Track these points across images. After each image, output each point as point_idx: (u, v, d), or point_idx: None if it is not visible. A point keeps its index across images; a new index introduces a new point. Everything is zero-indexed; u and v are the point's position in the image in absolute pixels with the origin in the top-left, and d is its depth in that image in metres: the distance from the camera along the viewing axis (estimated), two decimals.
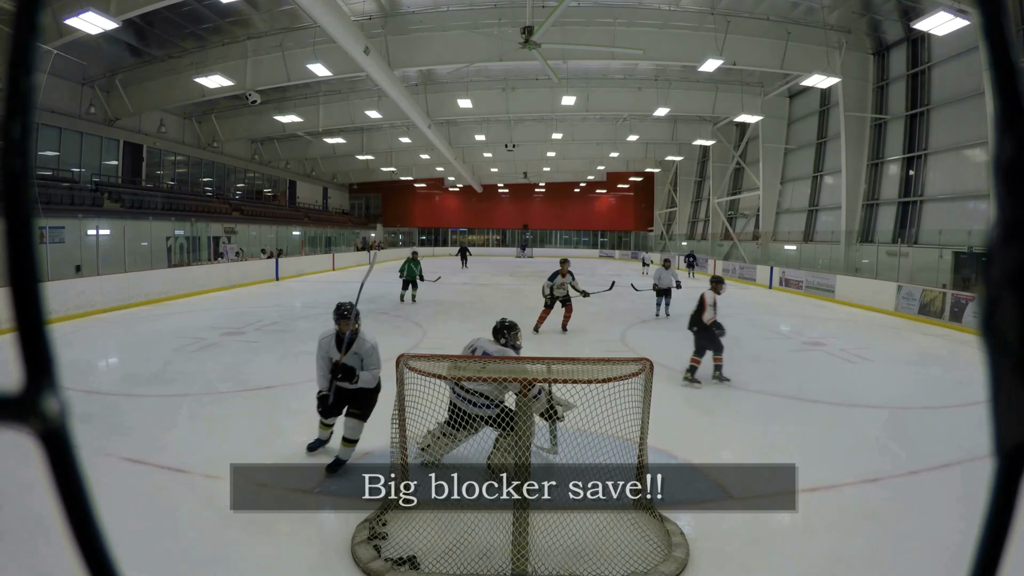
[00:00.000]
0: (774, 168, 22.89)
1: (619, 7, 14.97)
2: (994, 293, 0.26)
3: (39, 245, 0.28)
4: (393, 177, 37.60)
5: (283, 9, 14.73)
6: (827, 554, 3.10)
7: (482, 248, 44.98)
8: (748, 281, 21.29)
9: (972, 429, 4.98)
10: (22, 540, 2.98)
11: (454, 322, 10.94)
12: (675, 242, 33.91)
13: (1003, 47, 0.27)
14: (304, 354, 7.79)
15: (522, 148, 29.95)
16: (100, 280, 11.73)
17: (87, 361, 7.46)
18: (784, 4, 15.01)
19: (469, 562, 2.87)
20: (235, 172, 27.63)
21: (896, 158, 17.06)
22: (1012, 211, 0.26)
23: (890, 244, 16.08)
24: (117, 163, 19.38)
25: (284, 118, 21.29)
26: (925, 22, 11.33)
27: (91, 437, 4.43)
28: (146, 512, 3.36)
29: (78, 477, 0.27)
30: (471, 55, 14.95)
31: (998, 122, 0.26)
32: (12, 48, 0.27)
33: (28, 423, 0.26)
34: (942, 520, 3.40)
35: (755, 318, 12.37)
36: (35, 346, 0.27)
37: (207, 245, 20.02)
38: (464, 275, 23.10)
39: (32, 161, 0.28)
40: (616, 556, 2.92)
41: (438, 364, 3.18)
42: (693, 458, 4.28)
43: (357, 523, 3.20)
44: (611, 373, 3.34)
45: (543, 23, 11.09)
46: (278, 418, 5.15)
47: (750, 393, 6.19)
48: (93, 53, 15.35)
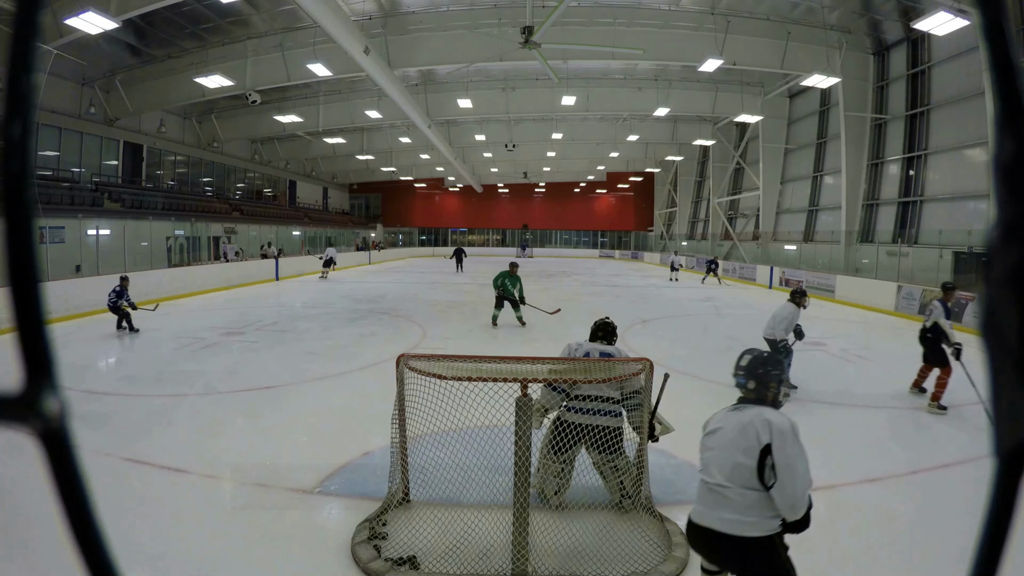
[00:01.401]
0: (774, 168, 22.90)
1: (619, 7, 14.97)
2: (994, 293, 0.26)
3: (39, 245, 0.28)
4: (393, 177, 37.62)
5: (283, 9, 14.73)
6: (827, 554, 3.10)
7: (482, 248, 44.99)
8: (748, 281, 21.30)
9: (972, 429, 4.98)
10: (22, 539, 2.98)
11: (454, 322, 10.94)
12: (675, 242, 33.93)
13: (1003, 47, 0.27)
14: (304, 354, 7.81)
15: (522, 148, 29.95)
16: (100, 280, 11.73)
17: (87, 361, 7.46)
18: (784, 4, 15.01)
19: (469, 562, 2.87)
20: (235, 172, 27.63)
21: (896, 158, 17.06)
22: (1012, 211, 0.26)
23: (890, 244, 16.08)
24: (117, 163, 19.38)
25: (284, 118, 21.30)
26: (925, 22, 11.33)
27: (91, 437, 4.44)
28: (146, 512, 3.36)
29: (78, 477, 0.27)
30: (471, 55, 14.95)
31: (998, 122, 0.26)
32: (12, 48, 0.27)
33: (28, 423, 0.26)
34: (942, 520, 3.40)
35: (755, 318, 12.35)
36: (35, 346, 0.27)
37: (207, 245, 20.02)
38: (464, 275, 23.11)
39: (32, 161, 0.28)
40: (616, 556, 2.92)
41: (438, 364, 3.18)
42: (693, 458, 4.27)
43: (357, 523, 3.20)
44: (611, 373, 3.34)
45: (543, 23, 11.08)
46: (278, 418, 5.15)
47: None
48: (93, 53, 15.35)
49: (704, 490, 2.13)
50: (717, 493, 2.08)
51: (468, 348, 8.08)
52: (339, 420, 5.10)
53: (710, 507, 2.10)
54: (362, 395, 5.89)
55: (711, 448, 2.17)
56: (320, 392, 6.02)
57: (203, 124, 23.44)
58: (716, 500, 2.08)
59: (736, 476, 2.04)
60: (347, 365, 7.24)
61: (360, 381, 6.54)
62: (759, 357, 2.25)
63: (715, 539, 2.07)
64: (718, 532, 2.05)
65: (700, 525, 2.12)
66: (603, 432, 3.38)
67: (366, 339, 9.10)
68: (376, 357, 7.58)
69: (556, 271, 26.37)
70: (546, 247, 44.86)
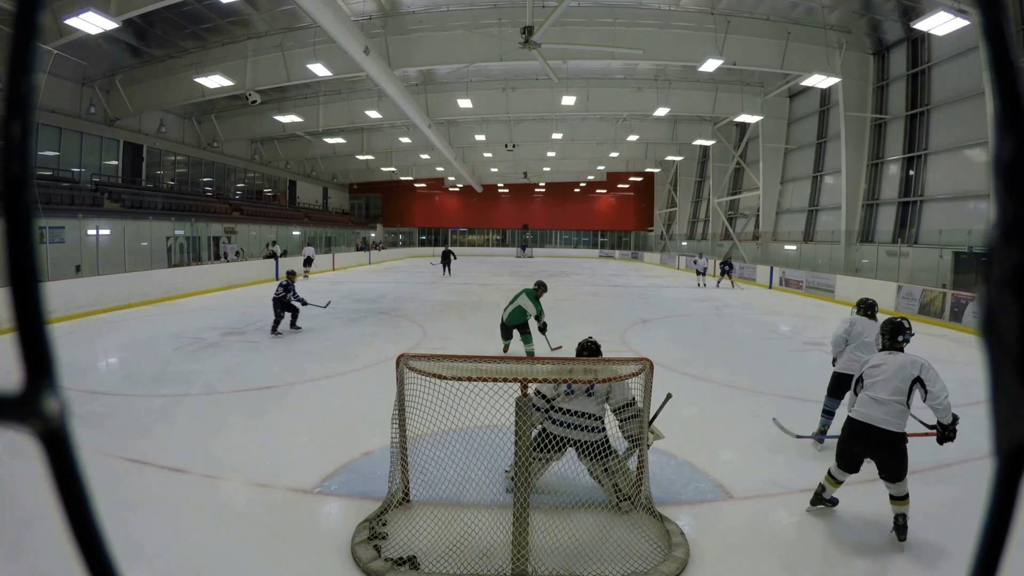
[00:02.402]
0: (774, 168, 22.90)
1: (619, 7, 14.97)
2: (994, 293, 0.26)
3: (39, 245, 0.28)
4: (393, 177, 37.63)
5: (283, 9, 14.73)
6: (826, 554, 3.10)
7: (482, 248, 45.01)
8: (748, 281, 21.31)
9: (972, 429, 4.97)
10: (22, 539, 2.98)
11: (454, 322, 10.94)
12: (675, 242, 33.94)
13: (1003, 47, 0.27)
14: (304, 354, 7.81)
15: (522, 148, 29.95)
16: (100, 280, 11.74)
17: (87, 361, 7.46)
18: (784, 4, 15.01)
19: (469, 562, 2.87)
20: (235, 172, 27.62)
21: (896, 158, 17.06)
22: (1012, 211, 0.26)
23: (890, 244, 16.08)
24: (117, 163, 19.37)
25: (284, 118, 21.29)
26: (925, 22, 11.33)
27: (91, 437, 4.44)
28: (146, 512, 3.36)
29: (78, 477, 0.27)
30: (471, 55, 14.95)
31: (998, 122, 0.26)
32: (12, 48, 0.27)
33: (28, 423, 0.26)
34: (942, 520, 3.40)
35: (755, 318, 12.37)
36: (35, 346, 0.27)
37: (207, 245, 20.01)
38: (464, 275, 23.05)
39: (32, 161, 0.28)
40: (616, 556, 2.92)
41: (438, 364, 3.17)
42: (693, 458, 4.28)
43: (357, 523, 3.20)
44: (611, 373, 3.34)
45: (543, 23, 11.08)
46: (278, 418, 5.15)
47: (750, 393, 6.19)
48: (93, 53, 15.35)
49: (868, 400, 3.29)
50: (879, 403, 3.23)
51: (468, 348, 8.09)
52: (339, 420, 5.10)
53: (873, 410, 3.23)
54: (362, 395, 5.89)
55: (876, 377, 3.32)
56: (320, 392, 6.02)
57: (203, 124, 23.44)
58: (878, 407, 3.22)
59: (895, 394, 3.20)
60: (347, 365, 7.24)
61: (360, 381, 6.54)
62: (898, 325, 3.51)
63: (871, 431, 3.21)
64: (877, 427, 3.19)
65: (862, 421, 3.26)
66: (586, 444, 3.45)
67: (366, 339, 9.10)
68: (376, 357, 7.58)
69: (556, 271, 26.36)
70: (546, 247, 44.85)
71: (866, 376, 3.39)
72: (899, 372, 3.25)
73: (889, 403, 3.19)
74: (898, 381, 3.22)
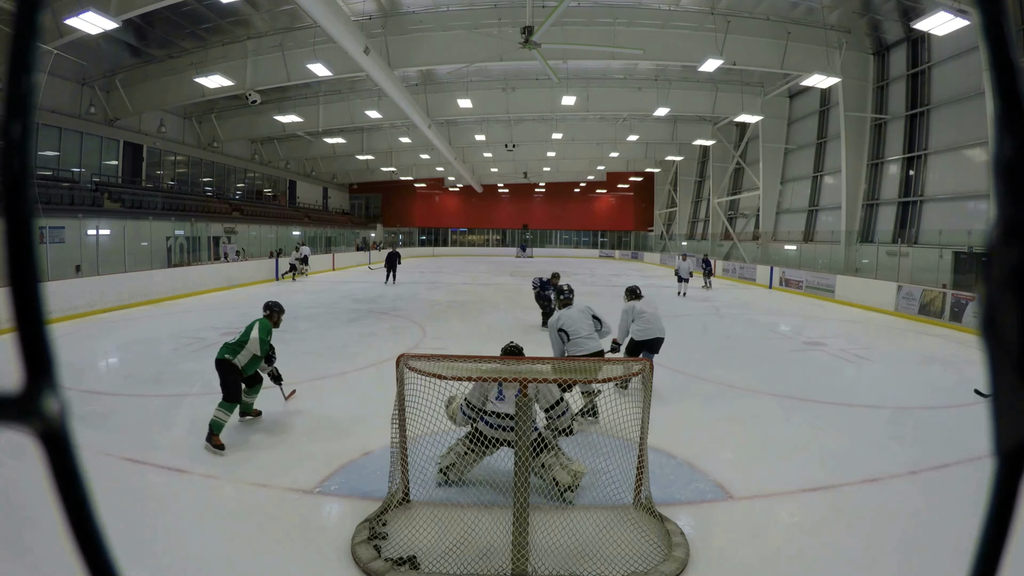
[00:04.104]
0: (774, 168, 22.90)
1: (619, 7, 14.96)
2: (994, 293, 0.26)
3: (39, 245, 0.28)
4: (393, 177, 37.61)
5: (283, 9, 14.73)
6: (826, 554, 3.10)
7: (482, 248, 45.00)
8: (748, 281, 21.31)
9: (972, 429, 4.98)
10: (22, 539, 2.98)
11: (454, 322, 10.94)
12: (675, 242, 33.92)
13: (1003, 47, 0.27)
14: (304, 354, 7.80)
15: (522, 148, 29.94)
16: (100, 280, 11.74)
17: (87, 361, 7.46)
18: (784, 4, 15.01)
19: (469, 562, 2.87)
20: (235, 172, 27.62)
21: (896, 158, 17.06)
22: (1012, 211, 0.26)
23: (890, 244, 16.08)
24: (117, 163, 19.37)
25: (284, 118, 21.30)
26: (925, 22, 11.32)
27: (91, 437, 4.44)
28: (146, 512, 3.36)
29: (78, 477, 0.27)
30: (471, 55, 14.94)
31: (998, 122, 0.26)
32: (12, 48, 0.27)
33: (28, 423, 0.26)
34: (942, 520, 3.40)
35: (755, 318, 12.37)
36: (35, 346, 0.27)
37: (207, 245, 20.01)
38: (463, 275, 23.00)
39: (32, 161, 0.28)
40: (616, 556, 2.92)
41: (438, 364, 3.18)
42: (693, 458, 4.28)
43: (357, 523, 3.20)
44: (611, 373, 3.34)
45: (543, 23, 11.08)
46: (278, 418, 5.15)
47: (750, 393, 6.19)
48: (93, 53, 15.34)
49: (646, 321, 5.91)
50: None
51: (468, 348, 8.08)
52: (339, 420, 5.10)
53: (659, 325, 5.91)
54: (362, 395, 5.89)
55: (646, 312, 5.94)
56: (320, 392, 6.01)
57: (203, 124, 23.43)
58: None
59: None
60: (347, 365, 7.23)
61: (360, 381, 6.54)
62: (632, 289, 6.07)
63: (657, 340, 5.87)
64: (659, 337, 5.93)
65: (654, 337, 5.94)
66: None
67: (366, 339, 9.10)
68: (376, 357, 7.58)
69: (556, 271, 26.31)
70: (546, 247, 44.85)
71: (637, 317, 5.99)
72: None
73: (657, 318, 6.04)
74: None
